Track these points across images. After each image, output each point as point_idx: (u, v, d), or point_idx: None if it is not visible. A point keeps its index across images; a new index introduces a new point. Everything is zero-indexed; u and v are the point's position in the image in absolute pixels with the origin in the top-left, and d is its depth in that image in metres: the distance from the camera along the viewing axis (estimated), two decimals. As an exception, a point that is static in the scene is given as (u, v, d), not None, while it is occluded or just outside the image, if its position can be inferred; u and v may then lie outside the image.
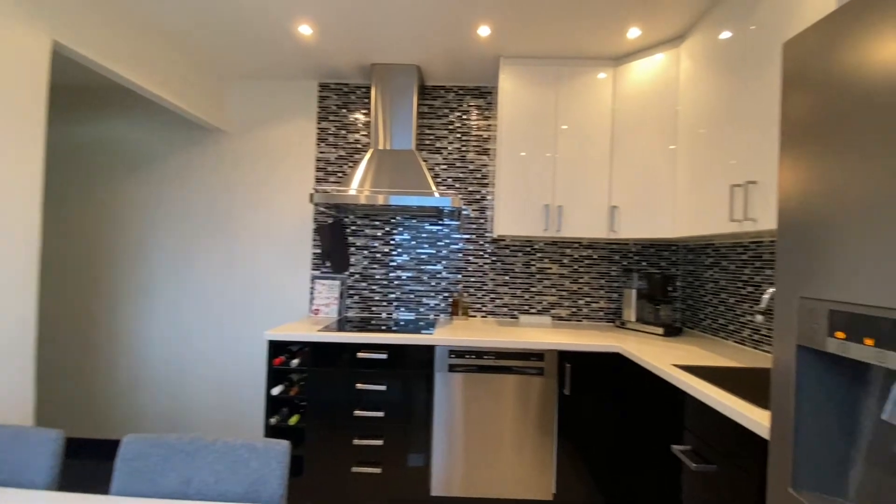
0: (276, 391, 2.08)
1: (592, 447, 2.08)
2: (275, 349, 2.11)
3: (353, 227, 2.76)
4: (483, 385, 2.09)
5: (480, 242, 2.75)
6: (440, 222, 2.75)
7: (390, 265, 2.75)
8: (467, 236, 2.75)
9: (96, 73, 1.94)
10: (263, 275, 2.77)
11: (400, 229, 2.75)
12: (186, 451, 1.04)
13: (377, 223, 2.76)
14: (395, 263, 2.75)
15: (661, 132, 2.17)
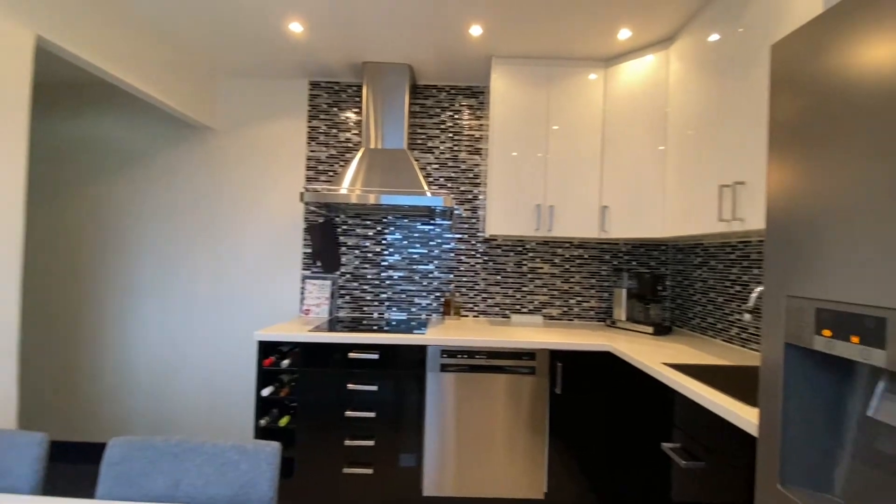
0: (266, 392, 2.06)
1: (584, 446, 2.09)
2: (265, 350, 2.09)
3: (345, 227, 2.74)
4: (475, 385, 2.09)
5: (472, 242, 2.75)
6: (432, 222, 2.75)
7: (382, 265, 2.74)
8: (459, 236, 2.75)
9: (81, 69, 1.90)
10: (253, 275, 2.74)
11: (391, 229, 2.74)
12: (174, 454, 1.02)
13: (368, 222, 2.74)
14: (386, 263, 2.74)
15: (651, 133, 2.19)
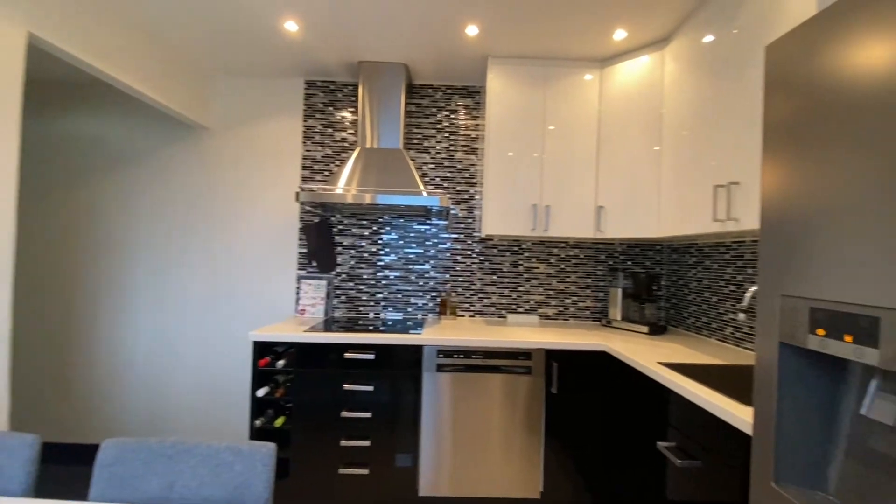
0: (261, 393, 2.05)
1: (579, 445, 2.09)
2: (260, 350, 2.08)
3: (340, 227, 2.74)
4: (471, 384, 2.09)
5: (468, 242, 2.75)
6: (428, 222, 2.74)
7: (378, 265, 2.73)
8: (455, 236, 2.75)
9: (74, 66, 1.87)
10: (248, 275, 2.73)
11: (387, 229, 2.74)
12: (168, 455, 1.01)
13: (364, 222, 2.74)
14: (382, 263, 2.73)
15: (647, 133, 2.20)
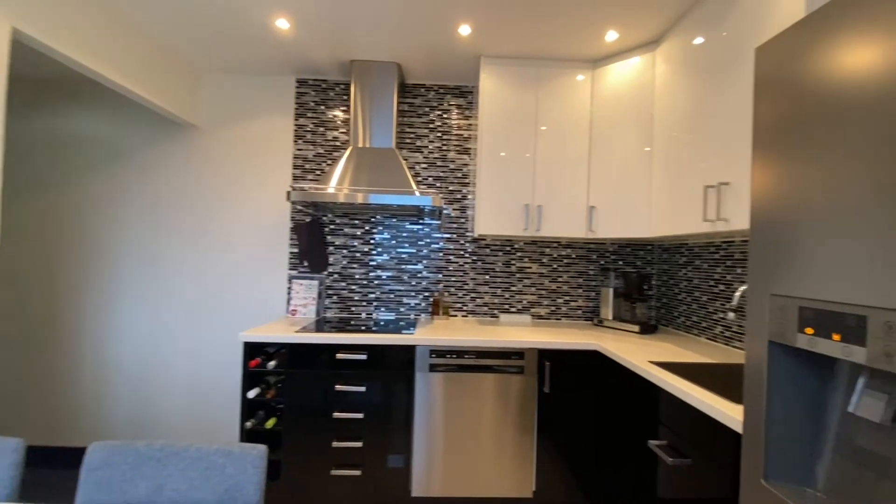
0: (252, 394, 2.03)
1: (572, 444, 2.10)
2: (251, 351, 2.06)
3: (332, 226, 2.72)
4: (464, 384, 2.09)
5: (461, 242, 2.75)
6: (420, 221, 2.74)
7: (370, 265, 2.72)
8: (448, 235, 2.75)
9: (60, 63, 1.84)
10: (238, 275, 2.70)
11: (380, 228, 2.73)
12: (157, 458, 1.00)
13: (356, 222, 2.72)
14: (374, 263, 2.72)
15: (638, 134, 2.21)
